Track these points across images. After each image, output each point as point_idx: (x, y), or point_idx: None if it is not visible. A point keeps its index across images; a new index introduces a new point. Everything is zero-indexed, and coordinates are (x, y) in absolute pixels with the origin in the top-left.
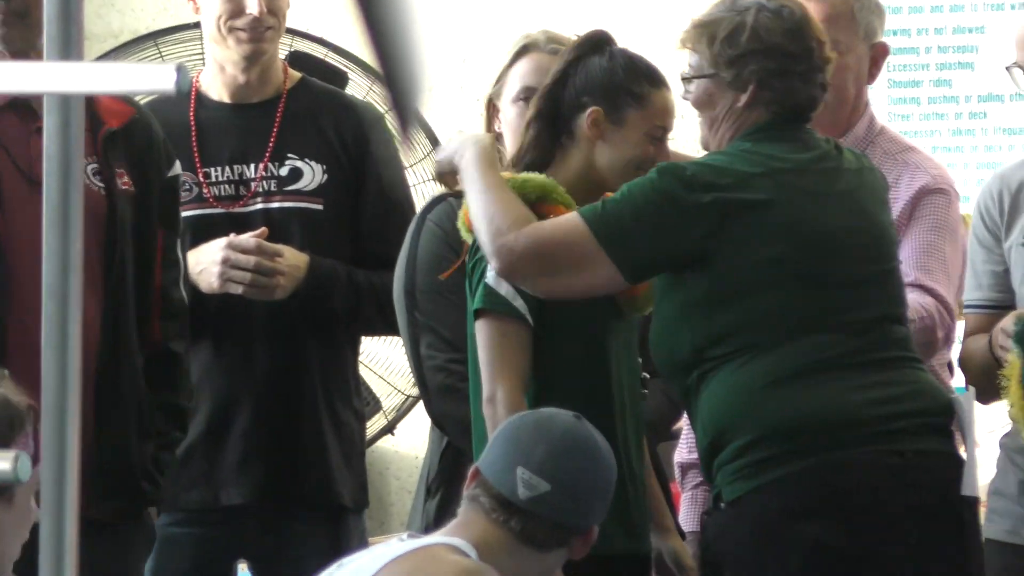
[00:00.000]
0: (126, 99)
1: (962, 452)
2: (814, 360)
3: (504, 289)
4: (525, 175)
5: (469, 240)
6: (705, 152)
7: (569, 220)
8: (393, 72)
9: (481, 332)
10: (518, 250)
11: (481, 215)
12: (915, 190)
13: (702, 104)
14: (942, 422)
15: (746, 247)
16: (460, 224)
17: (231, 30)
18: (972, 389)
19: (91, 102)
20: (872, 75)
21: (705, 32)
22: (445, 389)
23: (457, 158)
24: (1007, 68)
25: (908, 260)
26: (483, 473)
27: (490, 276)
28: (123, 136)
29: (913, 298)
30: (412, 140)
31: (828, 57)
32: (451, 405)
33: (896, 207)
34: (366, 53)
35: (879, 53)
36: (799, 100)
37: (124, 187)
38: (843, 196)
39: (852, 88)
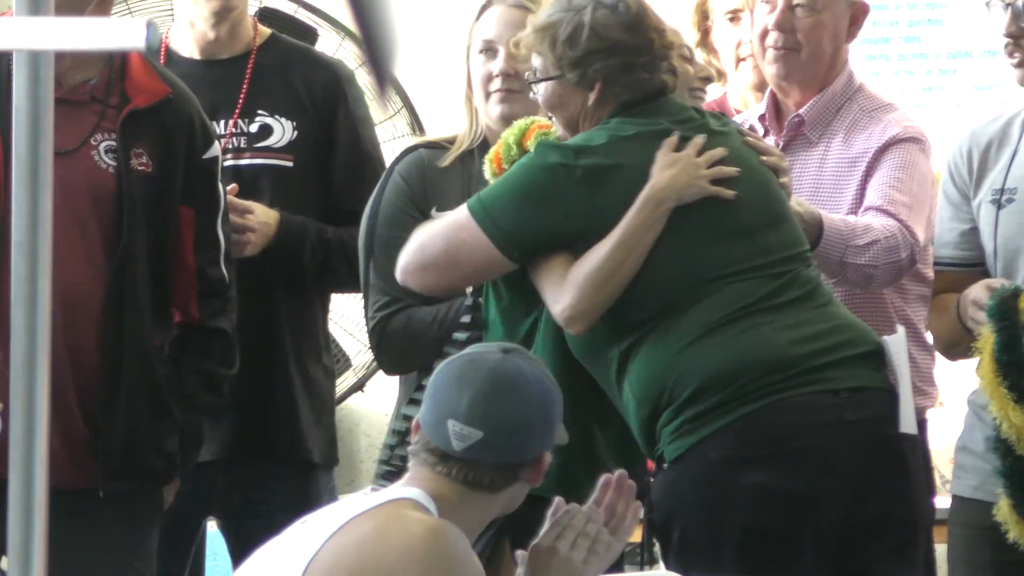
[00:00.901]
0: (165, 79)
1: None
2: (732, 310)
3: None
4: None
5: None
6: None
7: (455, 211)
8: (370, 30)
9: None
10: (408, 250)
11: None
12: (886, 139)
13: (553, 106)
14: (869, 352)
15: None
16: (489, 159)
17: None
18: (902, 329)
19: (120, 79)
20: (851, 34)
21: (546, 35)
22: (375, 332)
23: None
24: (986, 3)
25: (874, 191)
26: (422, 427)
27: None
28: (149, 116)
29: (875, 220)
30: (388, 97)
31: (671, 43)
32: (383, 344)
33: (867, 157)
34: (342, 11)
35: (859, 12)
36: (647, 89)
37: (140, 168)
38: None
39: (828, 46)
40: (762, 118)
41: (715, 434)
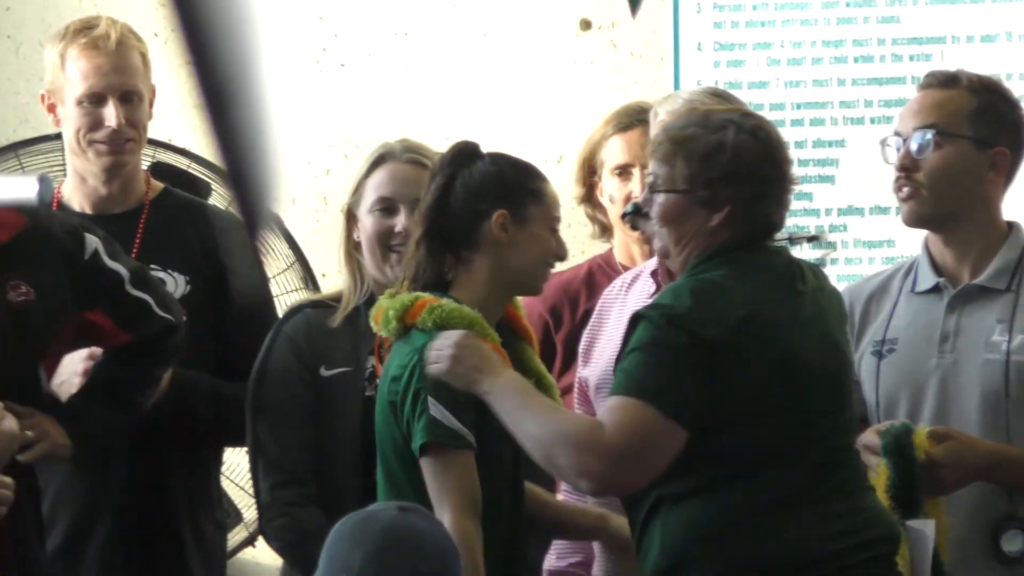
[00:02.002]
0: (19, 208)
1: None
2: (776, 496)
3: (449, 420)
4: (451, 306)
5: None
6: (661, 257)
7: (629, 410)
8: (240, 174)
9: (429, 466)
10: (609, 467)
11: (548, 440)
12: None
13: (669, 218)
14: (889, 551)
15: (721, 388)
16: (372, 319)
17: (91, 143)
18: (933, 521)
19: None
20: None
21: (681, 149)
22: (272, 522)
23: (473, 382)
24: (881, 141)
25: None
26: None
27: (433, 408)
28: (16, 248)
29: None
30: (264, 242)
31: (795, 177)
32: (278, 536)
33: None
34: (215, 155)
35: None
36: (768, 223)
37: (21, 298)
38: (811, 324)
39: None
40: (655, 273)
41: None
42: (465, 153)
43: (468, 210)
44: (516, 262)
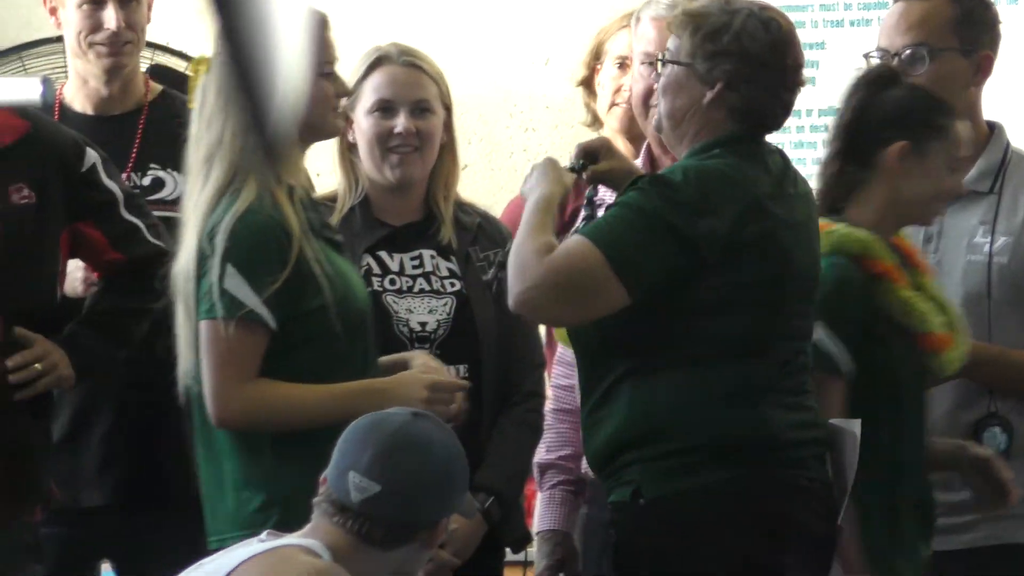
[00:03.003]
0: (22, 113)
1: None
2: (745, 384)
3: None
4: (844, 230)
5: None
6: (655, 132)
7: (581, 246)
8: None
9: None
10: (536, 281)
11: (513, 256)
12: None
13: (668, 90)
14: (826, 450)
15: (720, 273)
16: None
17: (91, 45)
18: (857, 423)
19: None
20: None
21: (691, 22)
22: None
23: (527, 192)
24: (865, 55)
25: None
26: (328, 480)
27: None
28: (19, 151)
29: None
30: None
31: (801, 81)
32: None
33: None
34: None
35: None
36: (762, 112)
37: (23, 201)
38: (801, 227)
39: None
40: None
41: (707, 488)
42: (883, 77)
43: (873, 134)
44: (909, 193)
